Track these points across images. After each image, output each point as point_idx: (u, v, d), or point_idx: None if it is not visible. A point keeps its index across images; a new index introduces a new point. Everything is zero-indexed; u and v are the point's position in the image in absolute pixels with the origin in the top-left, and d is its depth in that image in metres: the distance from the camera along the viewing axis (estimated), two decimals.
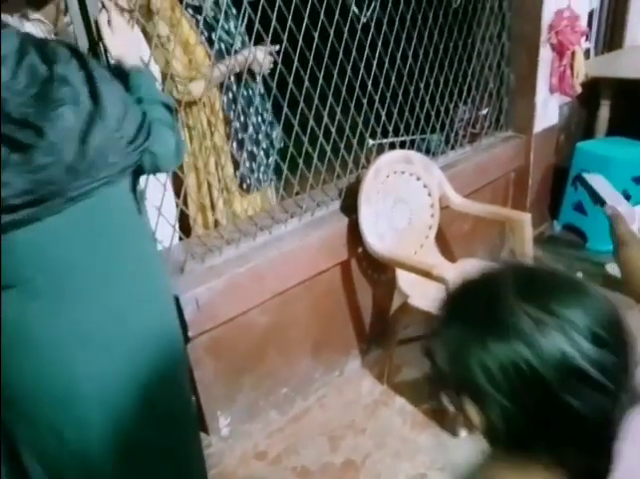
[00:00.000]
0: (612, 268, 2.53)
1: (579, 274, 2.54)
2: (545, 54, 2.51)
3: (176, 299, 1.48)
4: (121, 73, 1.07)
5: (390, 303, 2.04)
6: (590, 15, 3.20)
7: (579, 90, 2.63)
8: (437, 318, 0.62)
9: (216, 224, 1.91)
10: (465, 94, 2.42)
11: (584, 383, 0.53)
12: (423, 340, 0.71)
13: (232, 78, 1.80)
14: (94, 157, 0.87)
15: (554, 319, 0.54)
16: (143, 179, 1.40)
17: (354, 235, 1.88)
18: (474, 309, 0.59)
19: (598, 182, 1.18)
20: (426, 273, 1.62)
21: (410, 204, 1.99)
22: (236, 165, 1.87)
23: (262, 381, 1.82)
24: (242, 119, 1.87)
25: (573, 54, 2.50)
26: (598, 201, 1.14)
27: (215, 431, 1.75)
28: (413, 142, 2.33)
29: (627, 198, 2.62)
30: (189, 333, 1.51)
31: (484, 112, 2.50)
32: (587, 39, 2.89)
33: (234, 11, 1.86)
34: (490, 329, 0.56)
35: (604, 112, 2.94)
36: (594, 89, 2.88)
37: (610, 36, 3.77)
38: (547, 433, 0.55)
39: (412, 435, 1.85)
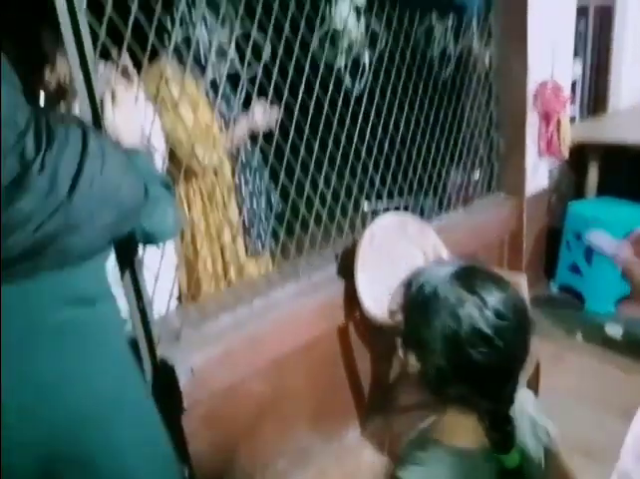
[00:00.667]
0: (611, 330, 2.51)
1: (579, 336, 2.53)
2: (532, 120, 2.61)
3: (172, 369, 1.46)
4: None
5: (390, 369, 2.01)
6: (574, 83, 3.36)
7: (567, 154, 2.72)
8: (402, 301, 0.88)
9: None
10: (456, 159, 2.49)
11: (486, 343, 0.77)
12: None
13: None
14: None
15: (473, 298, 0.78)
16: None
17: (351, 299, 1.87)
18: (423, 292, 0.83)
19: (598, 238, 1.20)
20: None
21: (406, 267, 1.98)
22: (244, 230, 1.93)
23: (259, 453, 1.76)
24: (250, 185, 1.94)
25: (559, 120, 2.60)
26: (606, 256, 1.16)
27: None
28: (407, 206, 2.37)
29: None
30: (184, 404, 1.47)
31: (476, 176, 2.57)
32: (572, 104, 3.02)
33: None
34: (431, 303, 0.80)
35: (593, 174, 3.02)
36: (582, 152, 2.97)
37: (594, 102, 3.94)
38: (462, 381, 0.79)
39: None
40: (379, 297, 1.86)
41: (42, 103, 1.59)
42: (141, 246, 1.36)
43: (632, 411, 0.92)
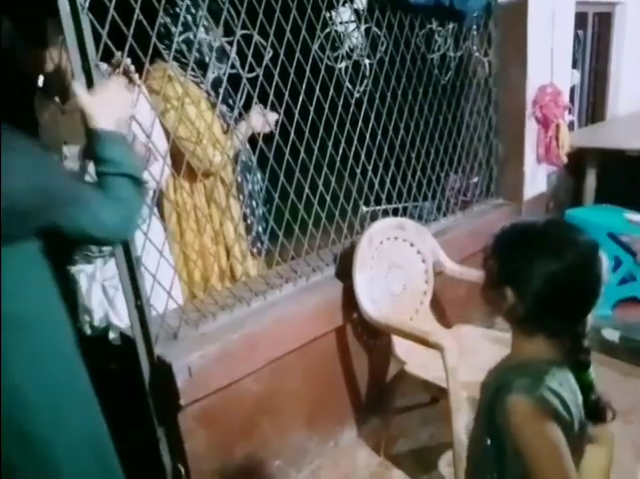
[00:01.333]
0: (608, 334, 2.52)
1: None
2: (531, 126, 2.63)
3: (169, 367, 1.46)
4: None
5: (386, 370, 2.02)
6: (572, 90, 3.38)
7: (565, 160, 2.73)
8: (496, 243, 0.97)
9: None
10: (455, 163, 2.51)
11: (584, 272, 0.89)
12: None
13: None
14: None
15: (570, 236, 0.91)
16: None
17: (349, 300, 1.88)
18: (525, 231, 0.95)
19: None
20: (422, 340, 1.61)
21: (404, 269, 2.01)
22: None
23: (255, 453, 1.76)
24: (250, 186, 1.97)
25: (558, 127, 2.62)
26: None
27: None
28: (405, 209, 2.39)
29: (618, 264, 2.66)
30: (181, 402, 1.48)
31: (475, 180, 2.59)
32: (570, 112, 3.04)
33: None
34: (534, 241, 0.91)
35: (590, 180, 3.04)
36: (580, 158, 2.99)
37: (592, 109, 3.97)
38: (556, 307, 0.89)
39: None
40: (377, 299, 1.87)
41: (40, 83, 1.62)
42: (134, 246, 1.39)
43: (629, 414, 0.93)
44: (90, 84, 1.28)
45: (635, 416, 1.91)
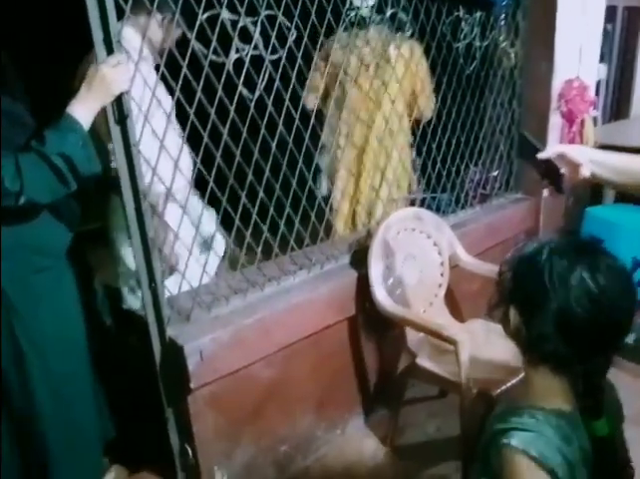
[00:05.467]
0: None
1: None
2: (555, 121, 2.57)
3: (181, 350, 1.46)
4: None
5: (397, 362, 2.00)
6: (598, 85, 3.30)
7: None
8: (513, 258, 0.89)
9: None
10: (475, 155, 2.47)
11: (594, 303, 0.78)
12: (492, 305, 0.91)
13: None
14: None
15: (586, 260, 0.80)
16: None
17: (363, 290, 1.87)
18: (538, 252, 0.84)
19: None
20: (436, 334, 1.59)
21: (420, 261, 1.98)
22: None
23: (262, 438, 1.76)
24: None
25: (582, 122, 2.56)
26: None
27: None
28: (423, 200, 2.35)
29: (637, 265, 2.61)
30: (191, 385, 1.48)
31: (495, 173, 2.54)
32: (595, 107, 2.97)
33: None
34: (545, 262, 0.82)
35: None
36: None
37: (617, 105, 3.88)
38: (563, 340, 0.80)
39: None
40: (391, 290, 1.85)
41: None
42: None
43: None
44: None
45: None
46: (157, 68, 1.51)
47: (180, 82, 1.41)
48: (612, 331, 0.82)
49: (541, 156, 1.13)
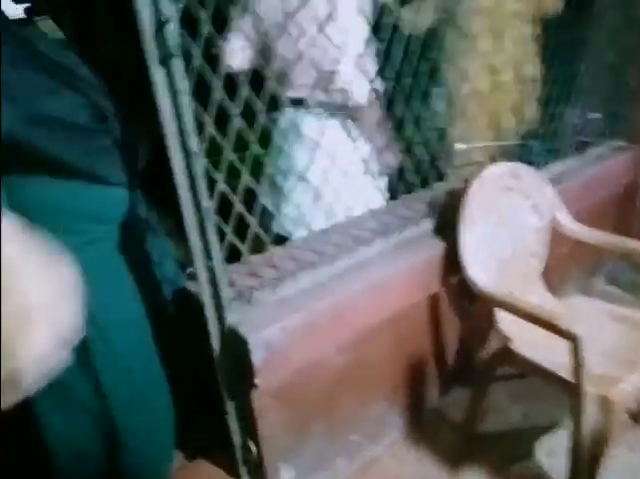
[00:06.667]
0: None
1: None
2: None
3: (244, 342, 1.22)
4: None
5: (482, 342, 1.74)
6: None
7: None
8: None
9: None
10: (573, 96, 2.06)
11: None
12: None
13: None
14: None
15: None
16: None
17: (449, 262, 1.58)
18: None
19: None
20: (548, 325, 1.31)
21: (514, 227, 1.67)
22: None
23: (331, 428, 1.56)
24: None
25: None
26: None
27: None
28: (508, 149, 1.99)
29: None
30: (256, 381, 1.25)
31: (595, 116, 2.14)
32: None
33: None
34: None
35: None
36: None
37: None
38: None
39: None
40: (485, 261, 1.56)
41: None
42: None
43: None
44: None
45: None
46: None
47: None
48: None
49: None
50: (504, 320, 1.59)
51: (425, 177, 1.70)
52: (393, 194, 1.76)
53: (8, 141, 0.91)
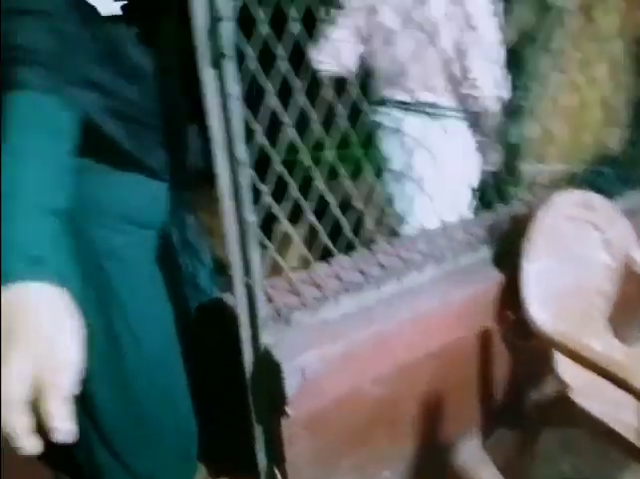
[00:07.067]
0: None
1: None
2: None
3: (278, 367, 1.13)
4: None
5: (535, 384, 1.59)
6: None
7: None
8: None
9: None
10: None
11: None
12: None
13: None
14: None
15: None
16: None
17: (505, 295, 1.45)
18: None
19: None
20: (617, 380, 1.16)
21: (581, 262, 1.52)
22: None
23: (362, 462, 1.45)
24: None
25: None
26: None
27: None
28: (577, 176, 1.83)
29: None
30: (288, 409, 1.16)
31: None
32: None
33: None
34: None
35: None
36: None
37: None
38: None
39: None
40: (548, 299, 1.42)
41: None
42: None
43: None
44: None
45: None
46: None
47: None
48: None
49: None
50: (563, 364, 1.44)
51: (487, 197, 1.58)
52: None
53: (86, 125, 0.87)
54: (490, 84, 1.41)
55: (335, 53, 1.65)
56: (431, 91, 1.33)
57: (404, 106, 1.49)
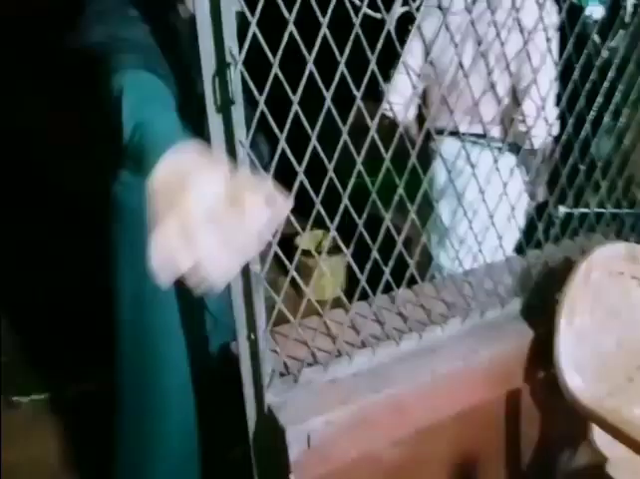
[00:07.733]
0: None
1: None
2: None
3: (282, 432, 1.04)
4: None
5: (568, 452, 1.45)
6: None
7: None
8: None
9: None
10: None
11: None
12: None
13: None
14: None
15: None
16: None
17: (537, 353, 1.32)
18: None
19: None
20: None
21: (624, 321, 1.38)
22: None
23: None
24: None
25: None
26: None
27: None
28: (615, 216, 1.68)
29: None
30: (292, 477, 1.07)
31: None
32: None
33: None
34: None
35: None
36: None
37: None
38: None
39: None
40: (585, 361, 1.28)
41: None
42: None
43: None
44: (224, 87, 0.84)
45: None
46: None
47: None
48: None
49: None
50: (601, 434, 1.30)
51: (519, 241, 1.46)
52: None
53: None
54: (541, 122, 1.32)
55: (401, 97, 1.76)
56: (482, 122, 1.24)
57: (458, 136, 1.41)
